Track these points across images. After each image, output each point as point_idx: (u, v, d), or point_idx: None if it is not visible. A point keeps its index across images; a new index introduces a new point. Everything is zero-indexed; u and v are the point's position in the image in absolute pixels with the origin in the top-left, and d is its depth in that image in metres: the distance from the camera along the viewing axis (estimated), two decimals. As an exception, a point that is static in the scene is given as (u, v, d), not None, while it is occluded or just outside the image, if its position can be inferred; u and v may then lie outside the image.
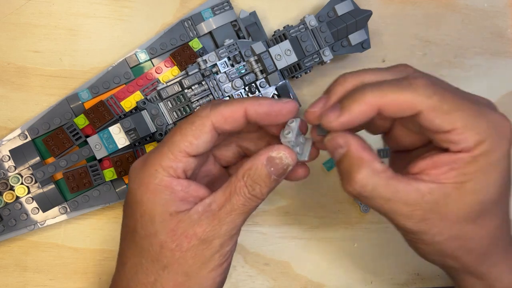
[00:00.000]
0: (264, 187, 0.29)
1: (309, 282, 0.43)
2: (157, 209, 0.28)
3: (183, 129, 0.29)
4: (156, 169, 0.28)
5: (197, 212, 0.28)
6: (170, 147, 0.28)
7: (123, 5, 0.41)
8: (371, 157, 0.28)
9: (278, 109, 0.29)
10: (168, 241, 0.28)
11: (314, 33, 0.40)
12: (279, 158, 0.29)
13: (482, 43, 0.46)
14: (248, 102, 0.29)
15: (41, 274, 0.40)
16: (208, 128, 0.28)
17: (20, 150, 0.38)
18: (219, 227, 0.28)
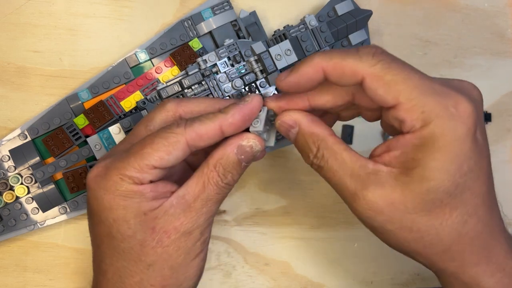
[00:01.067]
0: (235, 174, 0.30)
1: (309, 282, 0.43)
2: (130, 212, 0.28)
3: (155, 143, 0.28)
4: (121, 178, 0.28)
5: (172, 206, 0.29)
6: (137, 159, 0.28)
7: (123, 5, 0.41)
8: (322, 131, 0.29)
9: (249, 112, 0.29)
10: (148, 239, 0.28)
11: (314, 33, 0.40)
12: (249, 146, 0.29)
13: (482, 43, 0.46)
14: (222, 117, 0.28)
15: (41, 274, 0.40)
16: (181, 146, 0.28)
17: (20, 150, 0.38)
18: (197, 218, 0.29)
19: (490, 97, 0.47)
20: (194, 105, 0.31)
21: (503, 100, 0.47)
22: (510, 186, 0.47)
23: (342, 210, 0.44)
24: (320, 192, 0.43)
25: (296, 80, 0.28)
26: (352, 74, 0.27)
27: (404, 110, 0.26)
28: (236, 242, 0.43)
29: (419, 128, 0.26)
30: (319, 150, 0.29)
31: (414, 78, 0.26)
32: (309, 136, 0.29)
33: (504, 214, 0.47)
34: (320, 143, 0.29)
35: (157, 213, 0.28)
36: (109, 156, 0.30)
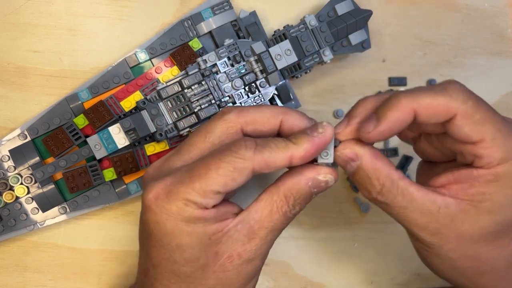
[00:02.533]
0: (304, 205, 0.29)
1: (309, 282, 0.43)
2: (195, 238, 0.27)
3: (221, 168, 0.26)
4: (186, 204, 0.27)
5: (237, 231, 0.28)
6: (202, 184, 0.26)
7: (123, 5, 0.41)
8: (386, 166, 0.28)
9: (322, 145, 0.27)
10: (210, 264, 0.28)
11: (314, 33, 0.40)
12: (325, 181, 0.28)
13: (482, 43, 0.46)
14: (293, 150, 0.27)
15: (41, 274, 0.40)
16: (247, 172, 0.27)
17: (19, 150, 0.38)
18: (261, 246, 0.28)
19: (490, 97, 0.46)
20: (257, 115, 0.29)
21: (503, 100, 0.47)
22: (510, 186, 0.47)
23: (342, 210, 0.44)
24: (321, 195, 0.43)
25: (387, 129, 0.27)
26: (445, 113, 0.26)
27: (485, 148, 0.27)
28: (236, 242, 0.42)
29: (495, 164, 0.27)
30: (385, 187, 0.28)
31: (496, 117, 0.27)
32: (372, 172, 0.28)
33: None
34: (385, 181, 0.28)
35: (220, 236, 0.28)
36: (162, 173, 0.29)
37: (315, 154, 0.28)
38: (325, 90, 0.44)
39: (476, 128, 0.26)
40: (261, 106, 0.30)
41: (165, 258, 0.28)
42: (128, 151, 0.38)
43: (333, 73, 0.44)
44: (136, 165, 0.38)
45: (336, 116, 0.44)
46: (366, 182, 0.28)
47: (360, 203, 0.44)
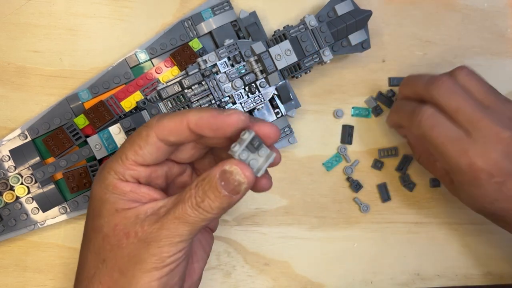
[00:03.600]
0: (213, 201, 0.27)
1: (309, 282, 0.43)
2: (106, 205, 0.29)
3: (131, 138, 0.30)
4: (108, 172, 0.30)
5: (145, 213, 0.29)
6: (120, 155, 0.30)
7: (123, 5, 0.41)
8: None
9: (220, 121, 0.28)
10: (110, 235, 0.29)
11: (314, 33, 0.40)
12: (229, 172, 0.27)
13: (482, 43, 0.46)
14: (190, 114, 0.28)
15: (41, 274, 0.40)
16: (152, 140, 0.29)
17: (20, 150, 0.38)
18: (159, 231, 0.28)
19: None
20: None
21: (503, 100, 0.47)
22: (510, 186, 0.47)
23: (342, 210, 0.44)
24: (320, 192, 0.43)
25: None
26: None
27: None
28: (236, 242, 0.43)
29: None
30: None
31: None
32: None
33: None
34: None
35: (128, 213, 0.29)
36: None
37: (211, 129, 0.28)
38: (325, 90, 0.44)
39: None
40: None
41: (86, 221, 0.31)
42: (128, 151, 0.38)
43: (333, 73, 0.44)
44: (136, 165, 0.38)
45: (336, 116, 0.44)
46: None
47: (360, 203, 0.44)
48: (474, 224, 0.45)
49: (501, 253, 0.46)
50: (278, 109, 0.41)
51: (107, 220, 0.29)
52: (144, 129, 0.29)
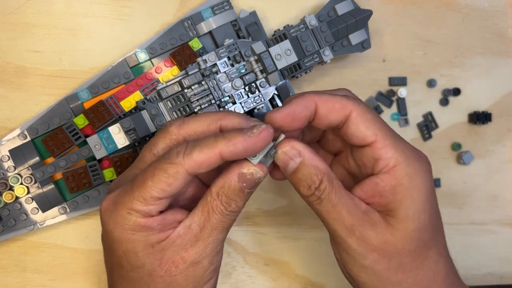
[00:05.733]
0: (239, 201, 0.29)
1: (309, 282, 0.43)
2: (139, 245, 0.29)
3: (155, 175, 0.28)
4: (129, 212, 0.28)
5: (179, 236, 0.29)
6: (141, 192, 0.28)
7: (123, 5, 0.41)
8: (324, 164, 0.30)
9: (253, 144, 0.28)
10: (156, 269, 0.29)
11: (314, 32, 0.40)
12: (250, 173, 0.29)
13: (482, 43, 0.46)
14: (222, 145, 0.27)
15: (41, 275, 0.40)
16: (181, 176, 0.28)
17: (19, 150, 0.38)
18: (204, 248, 0.29)
19: (490, 97, 0.47)
20: (196, 125, 0.30)
21: (503, 100, 0.47)
22: (510, 186, 0.47)
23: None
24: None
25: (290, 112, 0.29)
26: (341, 109, 0.29)
27: (380, 149, 0.29)
28: (236, 242, 0.42)
29: (392, 167, 0.29)
30: (322, 183, 0.29)
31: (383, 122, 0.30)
32: (312, 168, 0.29)
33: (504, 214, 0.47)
34: (323, 176, 0.29)
35: (164, 244, 0.29)
36: (118, 186, 0.30)
37: (245, 152, 0.28)
38: (325, 90, 0.44)
39: (369, 126, 0.29)
40: (199, 115, 0.31)
41: (116, 264, 0.30)
42: (128, 151, 0.38)
43: (333, 73, 0.44)
44: (136, 165, 0.38)
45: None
46: (307, 177, 0.29)
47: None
48: (474, 224, 0.45)
49: (501, 253, 0.46)
50: (278, 109, 0.41)
51: (147, 259, 0.29)
52: (171, 166, 0.27)
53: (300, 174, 0.30)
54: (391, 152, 0.29)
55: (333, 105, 0.29)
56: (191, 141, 0.28)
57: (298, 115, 0.29)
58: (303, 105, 0.29)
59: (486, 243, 0.45)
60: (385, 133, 0.29)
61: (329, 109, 0.29)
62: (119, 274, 0.30)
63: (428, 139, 0.46)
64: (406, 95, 0.45)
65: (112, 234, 0.29)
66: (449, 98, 0.46)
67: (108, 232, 0.29)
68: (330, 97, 0.30)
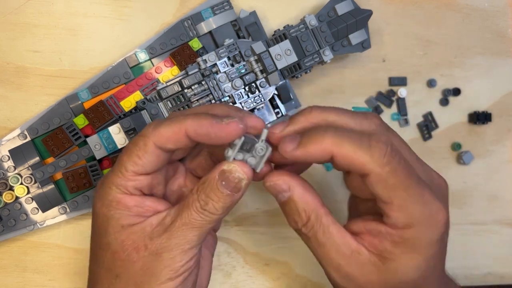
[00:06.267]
0: (217, 202, 0.28)
1: (309, 282, 0.43)
2: (111, 222, 0.29)
3: (128, 149, 0.29)
4: (110, 187, 0.29)
5: (151, 225, 0.29)
6: (119, 167, 0.29)
7: (123, 5, 0.41)
8: (315, 201, 0.29)
9: (218, 130, 0.28)
10: (119, 251, 0.29)
11: (314, 32, 0.40)
12: (229, 171, 0.28)
13: (482, 43, 0.46)
14: (189, 122, 0.28)
15: (41, 275, 0.40)
16: (150, 148, 0.28)
17: (19, 150, 0.38)
18: (169, 241, 0.28)
19: (490, 97, 0.47)
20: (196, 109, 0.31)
21: (503, 100, 0.47)
22: (510, 186, 0.47)
23: (342, 210, 0.44)
24: (320, 192, 0.43)
25: (303, 157, 0.28)
26: (360, 168, 0.27)
27: (393, 210, 0.28)
28: (236, 242, 0.42)
29: (401, 227, 0.28)
30: (310, 221, 0.29)
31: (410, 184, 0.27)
32: (301, 204, 0.29)
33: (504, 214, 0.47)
34: (311, 214, 0.29)
35: (134, 229, 0.29)
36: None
37: (208, 135, 0.28)
38: (325, 90, 0.44)
39: (387, 191, 0.27)
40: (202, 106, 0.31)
41: (92, 238, 0.31)
42: (128, 151, 0.38)
43: (333, 73, 0.44)
44: (136, 165, 0.38)
45: (336, 116, 0.44)
46: (294, 213, 0.29)
47: (360, 203, 0.44)
48: (474, 224, 0.45)
49: (501, 253, 0.46)
50: (278, 109, 0.41)
51: (113, 237, 0.29)
52: (141, 138, 0.29)
53: (288, 208, 0.30)
54: (401, 218, 0.28)
55: (352, 162, 0.27)
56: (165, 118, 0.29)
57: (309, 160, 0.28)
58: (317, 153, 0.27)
59: (486, 243, 0.45)
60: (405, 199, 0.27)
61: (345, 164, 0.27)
62: (92, 250, 0.31)
63: (428, 139, 0.46)
64: (406, 95, 0.45)
65: (94, 208, 0.30)
66: (449, 98, 0.46)
67: (92, 208, 0.30)
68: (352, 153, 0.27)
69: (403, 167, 0.27)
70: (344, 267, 0.29)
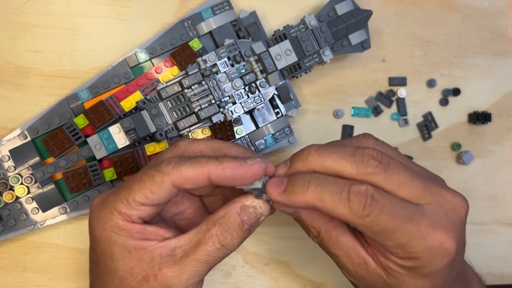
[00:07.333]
0: (236, 237, 0.28)
1: (309, 282, 0.43)
2: (116, 247, 0.28)
3: (142, 180, 0.28)
4: (112, 212, 0.28)
5: (159, 255, 0.28)
6: (126, 195, 0.28)
7: (123, 5, 0.41)
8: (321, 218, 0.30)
9: (243, 173, 0.28)
10: (127, 277, 0.28)
11: (314, 33, 0.40)
12: (252, 207, 0.28)
13: (482, 43, 0.46)
14: (212, 166, 0.27)
15: (41, 274, 0.40)
16: (167, 186, 0.28)
17: (19, 150, 0.38)
18: (180, 275, 0.28)
19: (490, 97, 0.47)
20: (204, 146, 0.30)
21: (503, 100, 0.47)
22: (510, 186, 0.47)
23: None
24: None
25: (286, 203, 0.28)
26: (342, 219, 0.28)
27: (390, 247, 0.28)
28: (236, 242, 0.42)
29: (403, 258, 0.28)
30: (320, 234, 0.30)
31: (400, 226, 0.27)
32: (309, 222, 0.30)
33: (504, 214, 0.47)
34: (320, 229, 0.30)
35: (141, 254, 0.28)
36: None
37: (233, 178, 0.28)
38: (325, 90, 0.44)
39: (376, 236, 0.28)
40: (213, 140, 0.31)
41: (94, 262, 0.30)
42: (128, 151, 0.38)
43: (333, 73, 0.44)
44: (136, 165, 0.38)
45: (336, 116, 0.44)
46: (306, 228, 0.31)
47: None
48: (474, 224, 0.45)
49: (501, 253, 0.46)
50: (278, 109, 0.41)
51: (122, 263, 0.28)
52: (159, 174, 0.28)
53: (301, 224, 0.31)
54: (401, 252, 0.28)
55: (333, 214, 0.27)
56: (185, 157, 0.28)
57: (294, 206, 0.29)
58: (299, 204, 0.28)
59: (486, 243, 0.45)
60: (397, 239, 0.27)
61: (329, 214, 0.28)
62: (95, 273, 0.30)
63: (428, 139, 0.46)
64: (406, 95, 0.45)
65: (94, 231, 0.29)
66: (449, 98, 0.46)
67: (90, 229, 0.30)
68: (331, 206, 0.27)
69: (387, 212, 0.27)
70: (354, 272, 0.30)
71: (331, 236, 0.30)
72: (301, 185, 0.28)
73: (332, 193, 0.27)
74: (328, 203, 0.27)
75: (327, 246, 0.30)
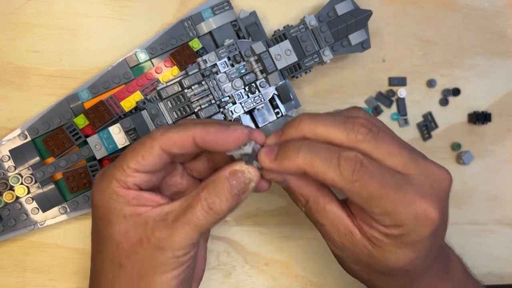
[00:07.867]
0: (224, 201, 0.29)
1: (309, 282, 0.43)
2: (113, 212, 0.29)
3: (133, 148, 0.30)
4: (110, 181, 0.30)
5: (153, 219, 0.29)
6: (122, 163, 0.30)
7: (123, 5, 0.41)
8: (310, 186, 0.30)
9: (225, 137, 0.29)
10: (122, 242, 0.29)
11: (314, 33, 0.40)
12: (241, 171, 0.29)
13: (482, 43, 0.46)
14: (197, 129, 0.29)
15: (41, 274, 0.40)
16: (156, 151, 0.29)
17: (20, 150, 0.38)
18: (171, 237, 0.29)
19: (490, 97, 0.47)
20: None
21: (503, 100, 0.47)
22: (510, 186, 0.47)
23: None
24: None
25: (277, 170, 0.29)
26: (331, 184, 0.28)
27: (376, 214, 0.28)
28: (236, 242, 0.43)
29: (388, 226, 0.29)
30: (308, 203, 0.31)
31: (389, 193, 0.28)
32: (297, 190, 0.31)
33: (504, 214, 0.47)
34: (308, 197, 0.31)
35: (136, 219, 0.29)
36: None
37: (215, 141, 0.29)
38: (325, 90, 0.44)
39: (363, 202, 0.28)
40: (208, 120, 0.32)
41: (94, 230, 0.31)
42: (128, 151, 0.38)
43: (333, 73, 0.44)
44: (136, 165, 0.38)
45: (336, 116, 0.44)
46: (294, 196, 0.31)
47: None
48: (474, 224, 0.45)
49: (501, 253, 0.46)
50: (278, 109, 0.41)
51: (117, 228, 0.29)
52: (148, 140, 0.29)
53: (289, 192, 0.32)
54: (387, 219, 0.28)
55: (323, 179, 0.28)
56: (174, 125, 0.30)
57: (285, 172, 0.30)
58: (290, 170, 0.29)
59: (485, 243, 0.46)
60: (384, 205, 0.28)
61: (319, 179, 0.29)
62: (95, 240, 0.31)
63: (428, 139, 0.46)
64: (406, 95, 0.45)
65: (94, 201, 0.31)
66: (448, 98, 0.46)
67: (91, 200, 0.31)
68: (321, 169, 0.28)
69: (376, 179, 0.28)
70: (339, 243, 0.31)
71: (318, 204, 0.31)
72: (292, 151, 0.29)
73: (323, 159, 0.28)
74: (318, 168, 0.28)
75: (315, 215, 0.31)
